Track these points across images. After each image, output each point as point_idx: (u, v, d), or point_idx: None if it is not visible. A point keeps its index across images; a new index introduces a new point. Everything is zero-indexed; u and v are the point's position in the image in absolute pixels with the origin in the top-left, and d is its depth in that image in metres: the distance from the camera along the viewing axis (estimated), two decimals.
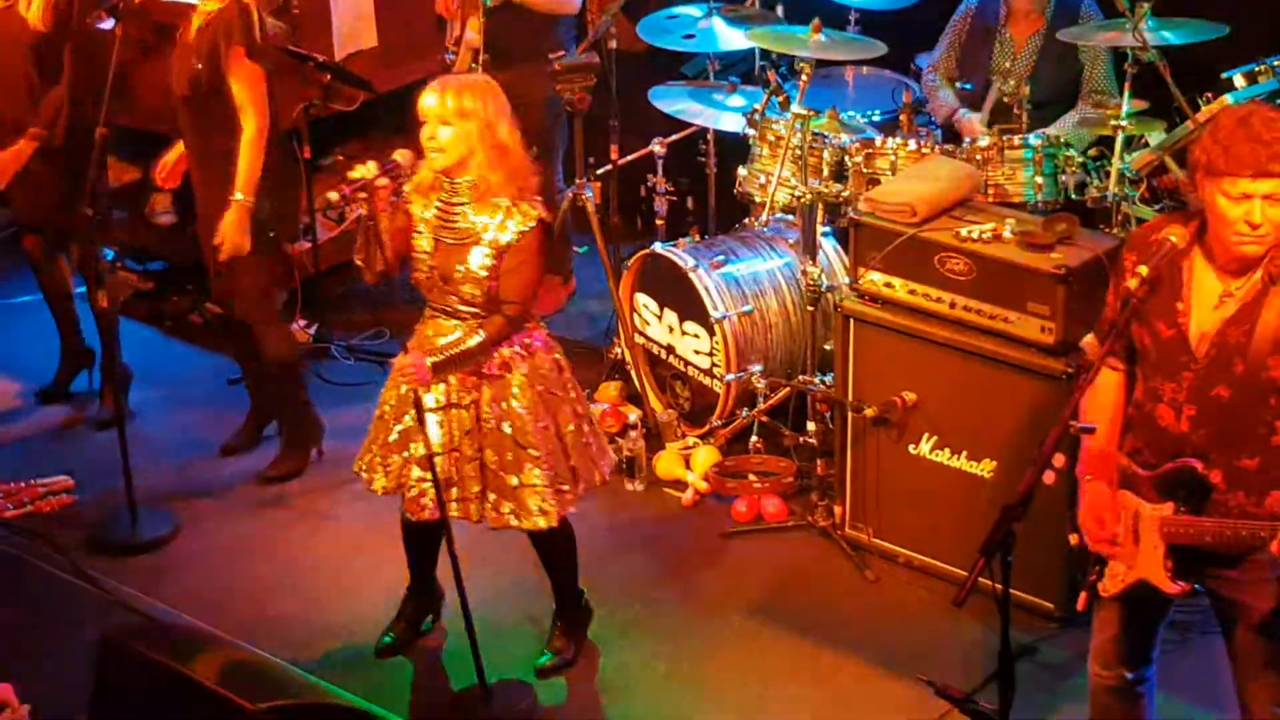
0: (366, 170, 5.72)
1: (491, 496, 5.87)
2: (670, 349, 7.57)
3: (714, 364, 7.36)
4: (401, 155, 5.80)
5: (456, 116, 5.64)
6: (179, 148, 7.17)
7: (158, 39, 7.59)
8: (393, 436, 5.94)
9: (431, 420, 5.80)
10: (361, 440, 7.52)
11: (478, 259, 5.71)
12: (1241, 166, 4.42)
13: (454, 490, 5.87)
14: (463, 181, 5.72)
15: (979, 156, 7.00)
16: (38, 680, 5.67)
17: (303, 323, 8.36)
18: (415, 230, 5.81)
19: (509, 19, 7.71)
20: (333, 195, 5.73)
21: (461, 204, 5.74)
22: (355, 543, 7.01)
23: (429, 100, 5.69)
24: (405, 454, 5.92)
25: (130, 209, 8.92)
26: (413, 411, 5.75)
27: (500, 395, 5.82)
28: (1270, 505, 4.67)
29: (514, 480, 5.85)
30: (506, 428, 5.82)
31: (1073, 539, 4.99)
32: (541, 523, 5.87)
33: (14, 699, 4.84)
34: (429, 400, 5.79)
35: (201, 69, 6.75)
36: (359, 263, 5.87)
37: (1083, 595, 5.04)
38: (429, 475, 5.77)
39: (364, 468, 6.05)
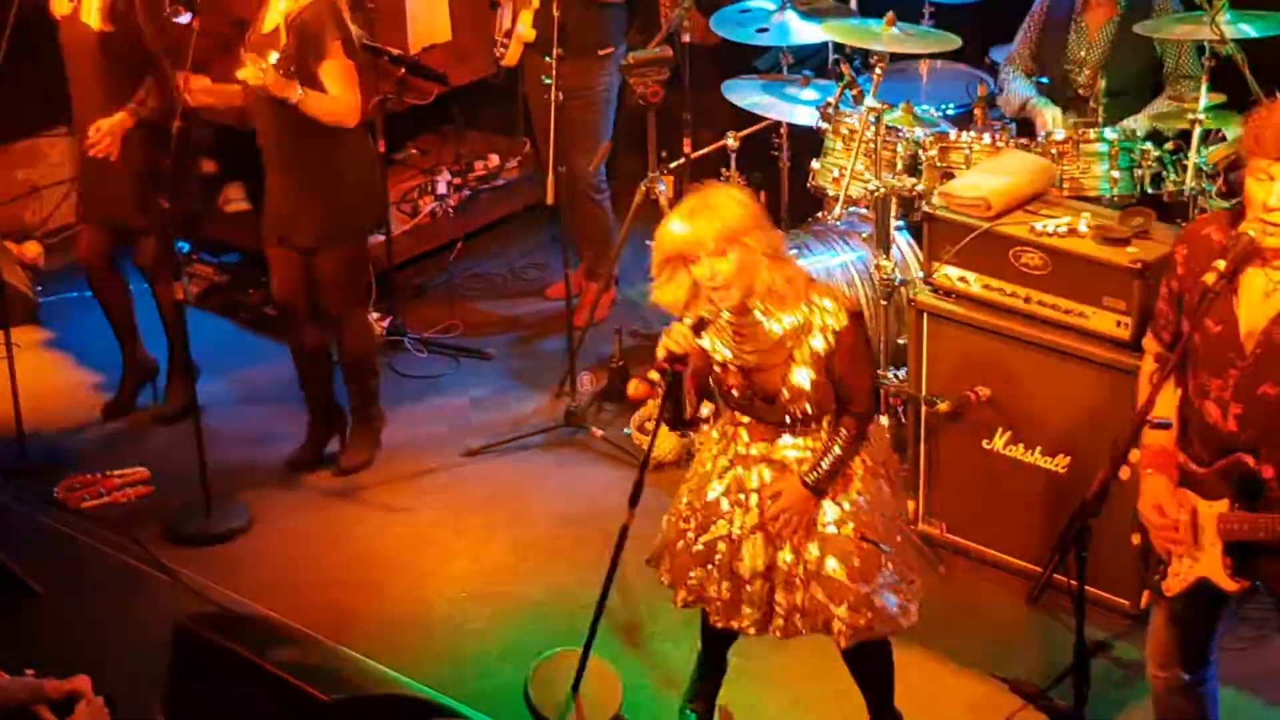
0: (679, 340, 5.08)
1: (838, 610, 5.30)
2: None
3: None
4: (684, 336, 5.09)
5: (728, 242, 5.02)
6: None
7: (236, 33, 7.62)
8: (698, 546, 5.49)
9: (757, 536, 5.37)
10: (436, 430, 7.56)
11: (803, 377, 5.18)
12: (1265, 148, 4.53)
13: (777, 608, 5.40)
14: (752, 302, 5.15)
15: (1054, 150, 6.96)
16: (113, 670, 5.72)
17: (376, 315, 8.40)
18: (714, 365, 5.26)
19: (559, 13, 7.70)
20: (654, 375, 5.13)
21: (757, 324, 5.18)
22: (426, 535, 7.04)
23: (686, 233, 5.04)
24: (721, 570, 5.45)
25: (205, 202, 8.99)
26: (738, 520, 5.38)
27: (841, 488, 5.33)
28: None
29: (822, 593, 5.32)
30: (854, 527, 5.31)
31: (1135, 538, 4.97)
32: (839, 642, 5.37)
33: (90, 690, 4.88)
34: (755, 516, 5.36)
35: (289, 69, 6.76)
36: (667, 421, 5.27)
37: (1146, 594, 5.03)
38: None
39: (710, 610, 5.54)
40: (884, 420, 7.05)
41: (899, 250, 7.31)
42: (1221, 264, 4.59)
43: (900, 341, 7.08)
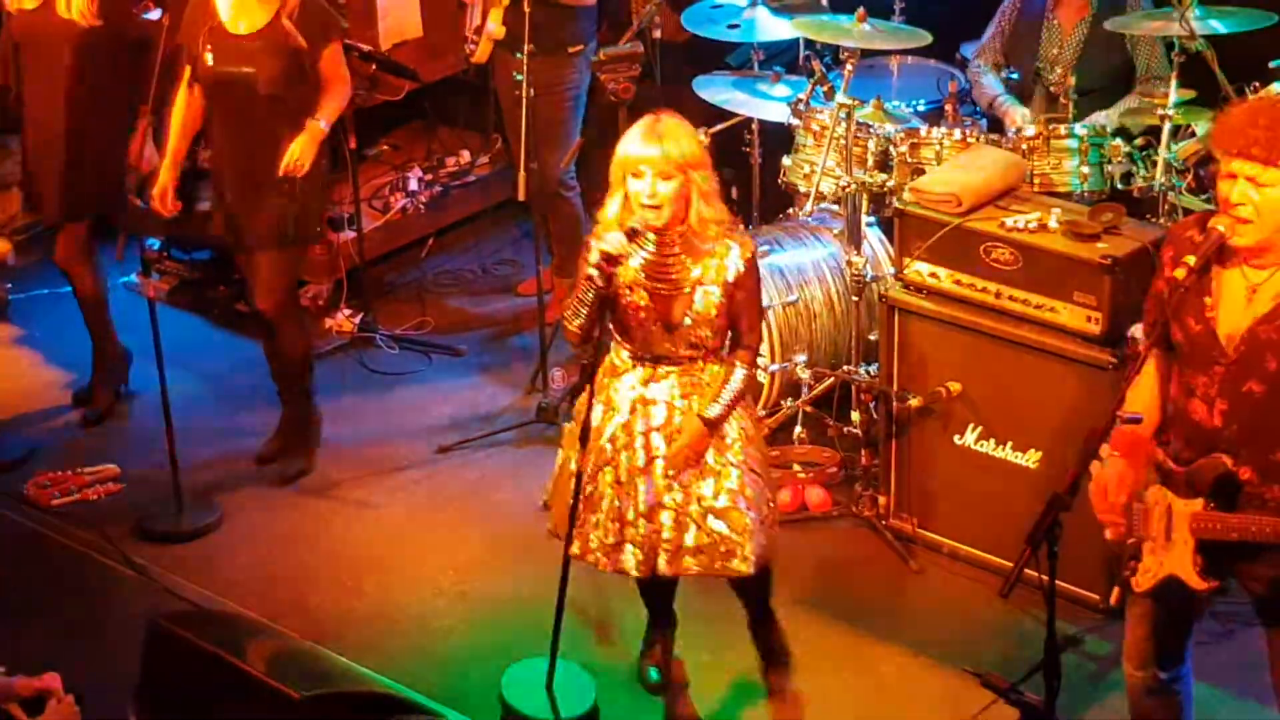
0: (613, 242, 5.35)
1: (701, 539, 5.59)
2: None
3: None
4: (619, 240, 5.38)
5: (679, 169, 5.37)
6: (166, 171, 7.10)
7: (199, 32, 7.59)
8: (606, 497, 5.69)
9: (656, 471, 5.58)
10: (408, 427, 7.51)
11: (704, 300, 5.48)
12: (1228, 145, 4.62)
13: (664, 546, 5.61)
14: (675, 231, 5.45)
15: (1025, 146, 6.98)
16: (84, 668, 5.72)
17: (347, 312, 8.39)
18: (620, 289, 5.48)
19: (530, 10, 7.70)
20: (594, 273, 5.36)
21: (674, 253, 5.48)
22: (397, 532, 7.03)
23: (647, 151, 5.37)
24: (607, 512, 5.67)
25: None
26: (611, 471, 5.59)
27: (718, 435, 5.59)
28: None
29: (722, 526, 5.58)
30: (725, 468, 5.59)
31: (1106, 532, 4.99)
32: (743, 568, 5.62)
33: (60, 687, 4.87)
34: (641, 459, 5.58)
35: (296, 63, 6.82)
36: (573, 328, 5.50)
37: (1116, 590, 5.05)
38: (641, 531, 5.60)
39: (585, 550, 5.73)
40: (856, 416, 7.09)
41: (870, 246, 7.32)
42: (1192, 259, 4.63)
43: (871, 337, 7.09)
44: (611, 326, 5.61)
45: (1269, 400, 4.64)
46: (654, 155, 5.36)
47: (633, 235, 5.40)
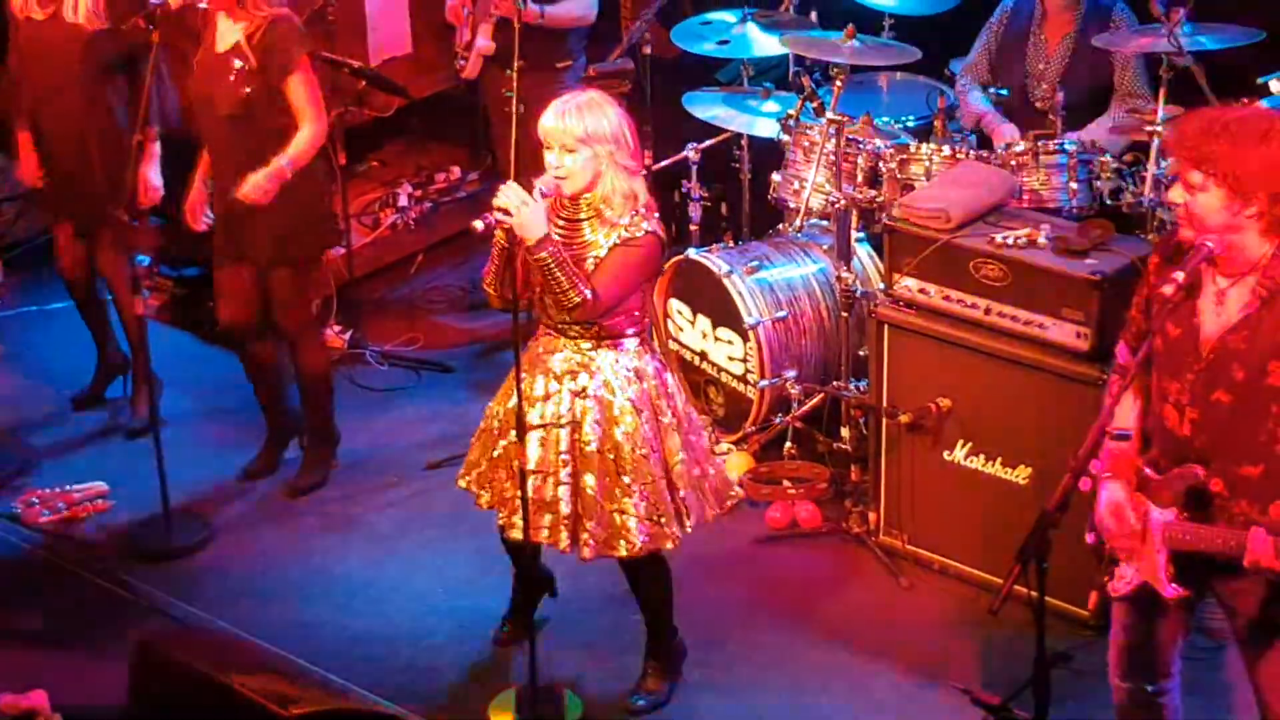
0: (511, 196, 5.53)
1: (588, 524, 5.71)
2: (704, 355, 7.57)
3: (748, 370, 7.35)
4: (544, 182, 5.62)
5: (580, 143, 5.55)
6: (196, 188, 7.14)
7: (196, 46, 7.59)
8: (497, 452, 5.87)
9: (533, 438, 5.70)
10: (397, 443, 7.49)
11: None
12: (1169, 147, 4.81)
13: (547, 517, 5.73)
14: (585, 200, 5.64)
15: (1014, 162, 6.98)
16: (72, 687, 5.69)
17: (337, 329, 8.38)
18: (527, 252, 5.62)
19: (520, 27, 7.70)
20: (478, 224, 5.56)
21: (581, 220, 5.65)
22: (387, 548, 7.02)
23: (551, 124, 5.59)
24: (506, 470, 5.82)
25: (165, 215, 8.94)
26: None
27: (604, 418, 5.69)
28: (1275, 515, 4.66)
29: (610, 506, 5.71)
30: (609, 453, 5.69)
31: (1089, 537, 5.00)
32: (623, 551, 5.73)
33: (47, 706, 4.86)
34: (533, 417, 5.72)
35: (256, 86, 6.78)
36: (488, 289, 5.79)
37: (1094, 595, 5.08)
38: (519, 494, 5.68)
39: (472, 483, 5.98)
40: (845, 432, 7.08)
41: (860, 262, 7.33)
42: (1180, 275, 4.64)
43: (861, 353, 7.09)
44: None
45: (1236, 411, 4.65)
46: (556, 129, 5.59)
47: (545, 198, 5.57)
